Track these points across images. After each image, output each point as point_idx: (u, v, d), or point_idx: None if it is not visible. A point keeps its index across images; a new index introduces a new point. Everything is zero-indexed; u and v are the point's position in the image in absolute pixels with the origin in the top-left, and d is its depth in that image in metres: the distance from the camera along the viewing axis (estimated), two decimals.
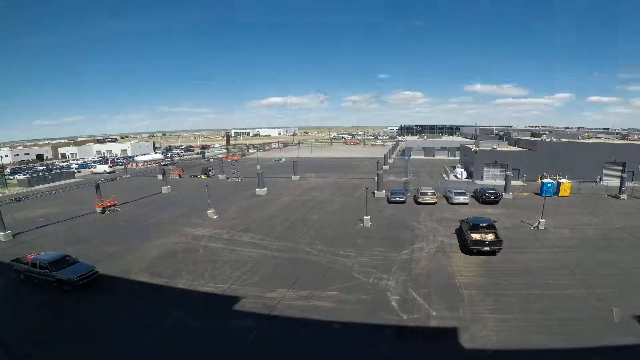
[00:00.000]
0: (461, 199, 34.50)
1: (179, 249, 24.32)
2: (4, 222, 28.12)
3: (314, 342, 14.00)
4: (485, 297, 16.55)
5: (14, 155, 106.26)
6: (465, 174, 50.56)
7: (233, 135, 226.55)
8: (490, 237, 21.48)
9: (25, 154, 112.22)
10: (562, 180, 38.47)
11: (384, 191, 38.87)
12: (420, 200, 35.00)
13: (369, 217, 28.60)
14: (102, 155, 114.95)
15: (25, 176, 59.92)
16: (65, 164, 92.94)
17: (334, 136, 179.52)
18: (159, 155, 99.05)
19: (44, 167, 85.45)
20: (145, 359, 13.42)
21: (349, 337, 14.28)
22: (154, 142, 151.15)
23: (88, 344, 14.12)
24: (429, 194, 35.10)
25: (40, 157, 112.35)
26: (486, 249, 21.18)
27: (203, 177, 58.07)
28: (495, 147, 52.58)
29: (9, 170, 70.33)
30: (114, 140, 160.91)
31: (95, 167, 75.73)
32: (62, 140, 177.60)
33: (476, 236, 21.57)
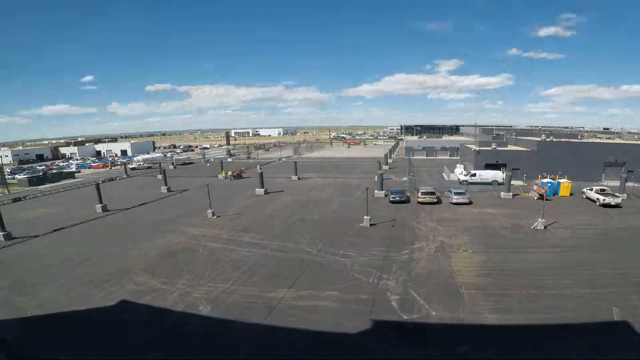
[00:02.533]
0: (461, 199, 34.49)
1: (179, 249, 24.32)
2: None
3: (313, 342, 13.99)
4: (485, 297, 16.54)
5: (14, 155, 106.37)
6: (465, 174, 50.45)
7: (233, 135, 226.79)
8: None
9: (25, 154, 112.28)
10: (562, 180, 38.46)
11: (384, 191, 38.88)
12: (420, 200, 35.03)
13: (369, 217, 28.59)
14: (103, 154, 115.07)
15: (25, 176, 59.92)
16: (64, 163, 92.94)
17: (334, 136, 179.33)
18: (159, 155, 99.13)
19: (44, 167, 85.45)
20: None
21: (349, 337, 14.25)
22: (153, 142, 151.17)
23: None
24: (429, 194, 35.12)
25: (40, 157, 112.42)
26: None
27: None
28: (495, 147, 52.61)
29: (9, 170, 70.33)
30: (114, 140, 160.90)
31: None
32: (62, 140, 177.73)
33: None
